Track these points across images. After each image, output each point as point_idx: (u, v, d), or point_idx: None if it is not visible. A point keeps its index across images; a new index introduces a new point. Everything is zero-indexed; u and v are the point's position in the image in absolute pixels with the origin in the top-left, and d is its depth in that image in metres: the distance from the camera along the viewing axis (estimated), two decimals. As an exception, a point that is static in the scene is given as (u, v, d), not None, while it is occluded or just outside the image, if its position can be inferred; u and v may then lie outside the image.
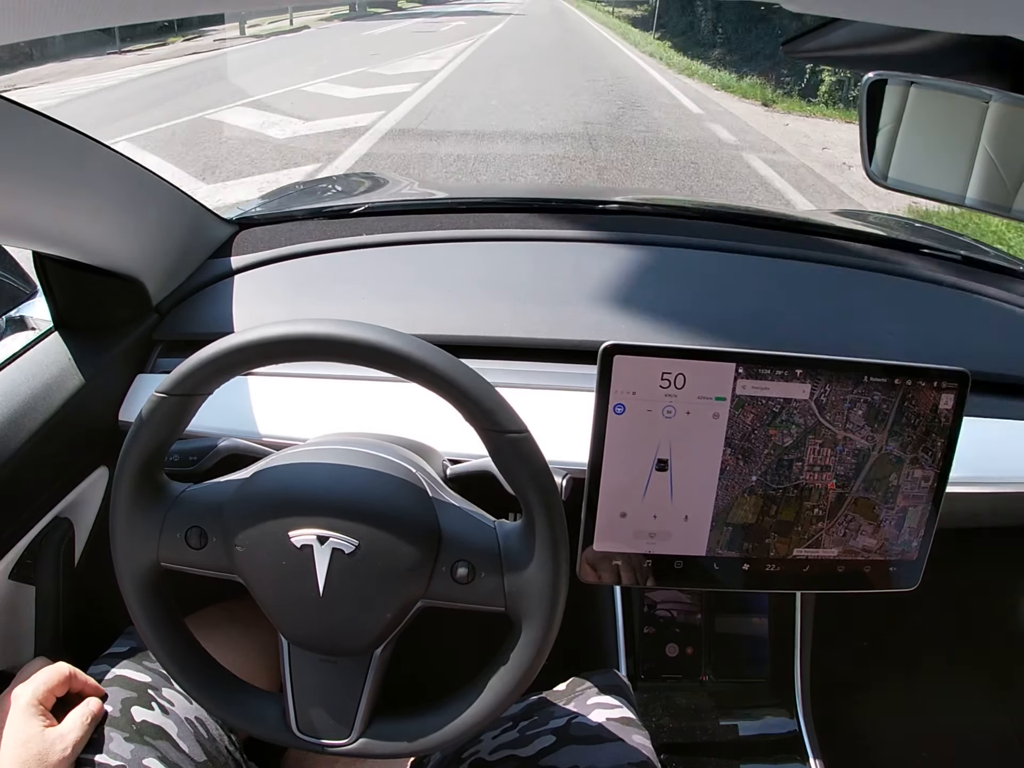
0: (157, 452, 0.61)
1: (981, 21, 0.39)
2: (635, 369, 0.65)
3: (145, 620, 0.62)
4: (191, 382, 0.58)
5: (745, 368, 0.66)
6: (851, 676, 1.28)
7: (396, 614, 0.60)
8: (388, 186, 1.58)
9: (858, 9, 0.41)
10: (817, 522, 0.71)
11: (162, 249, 0.92)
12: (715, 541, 0.70)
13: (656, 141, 6.31)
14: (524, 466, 0.57)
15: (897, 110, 0.60)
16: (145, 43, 12.35)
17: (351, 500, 0.60)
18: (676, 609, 1.08)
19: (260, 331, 0.56)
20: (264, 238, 1.06)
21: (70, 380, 0.82)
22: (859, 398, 0.68)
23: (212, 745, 0.72)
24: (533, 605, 0.59)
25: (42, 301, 0.89)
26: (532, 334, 0.91)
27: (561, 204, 1.16)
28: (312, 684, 0.62)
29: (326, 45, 12.97)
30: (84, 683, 0.69)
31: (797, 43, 0.67)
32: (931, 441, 0.70)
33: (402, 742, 0.62)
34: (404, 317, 0.92)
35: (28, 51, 10.38)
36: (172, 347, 0.94)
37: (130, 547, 0.61)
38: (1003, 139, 0.56)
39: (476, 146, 5.79)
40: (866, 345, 0.91)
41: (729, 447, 0.68)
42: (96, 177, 0.75)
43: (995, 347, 0.94)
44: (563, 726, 0.75)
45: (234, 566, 0.61)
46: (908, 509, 0.71)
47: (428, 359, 0.56)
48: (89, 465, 0.86)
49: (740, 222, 1.13)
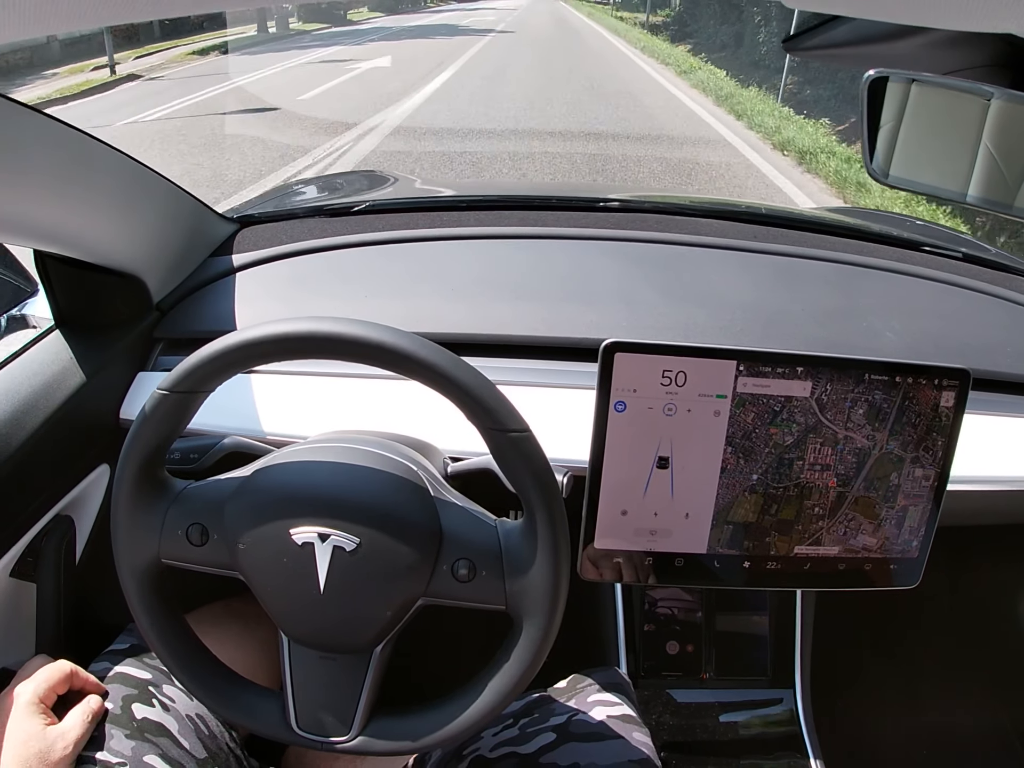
0: (158, 449, 0.61)
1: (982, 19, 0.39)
2: (636, 367, 0.65)
3: (146, 617, 0.62)
4: (192, 379, 0.58)
5: (746, 366, 0.66)
6: (852, 674, 1.28)
7: (397, 612, 0.60)
8: (389, 184, 1.58)
9: (859, 6, 0.41)
10: (818, 521, 0.71)
11: (163, 247, 0.92)
12: (715, 539, 0.70)
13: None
14: (525, 465, 0.57)
15: (898, 108, 0.60)
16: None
17: (352, 498, 0.60)
18: (677, 607, 1.08)
19: (261, 329, 0.56)
20: (265, 236, 1.06)
21: (71, 378, 0.82)
22: (860, 397, 0.68)
23: (213, 742, 0.72)
24: (534, 603, 0.59)
25: (43, 299, 0.89)
26: (533, 332, 0.91)
27: (562, 202, 1.16)
28: (312, 681, 0.63)
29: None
30: (85, 680, 0.70)
31: (797, 41, 0.66)
32: (932, 440, 0.70)
33: (403, 739, 0.62)
34: (405, 315, 0.92)
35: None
36: (173, 345, 0.94)
37: (131, 544, 0.61)
38: (1004, 137, 0.56)
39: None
40: (867, 343, 0.91)
41: (730, 446, 0.68)
42: (97, 175, 0.75)
43: (996, 345, 0.94)
44: (563, 723, 0.75)
45: (235, 563, 0.61)
46: (909, 508, 0.71)
47: (429, 357, 0.56)
48: (90, 463, 0.86)
49: (741, 220, 1.13)
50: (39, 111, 0.63)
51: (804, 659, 1.08)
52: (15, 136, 0.60)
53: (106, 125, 6.72)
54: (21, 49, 10.61)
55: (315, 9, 17.30)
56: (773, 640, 1.08)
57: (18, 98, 0.59)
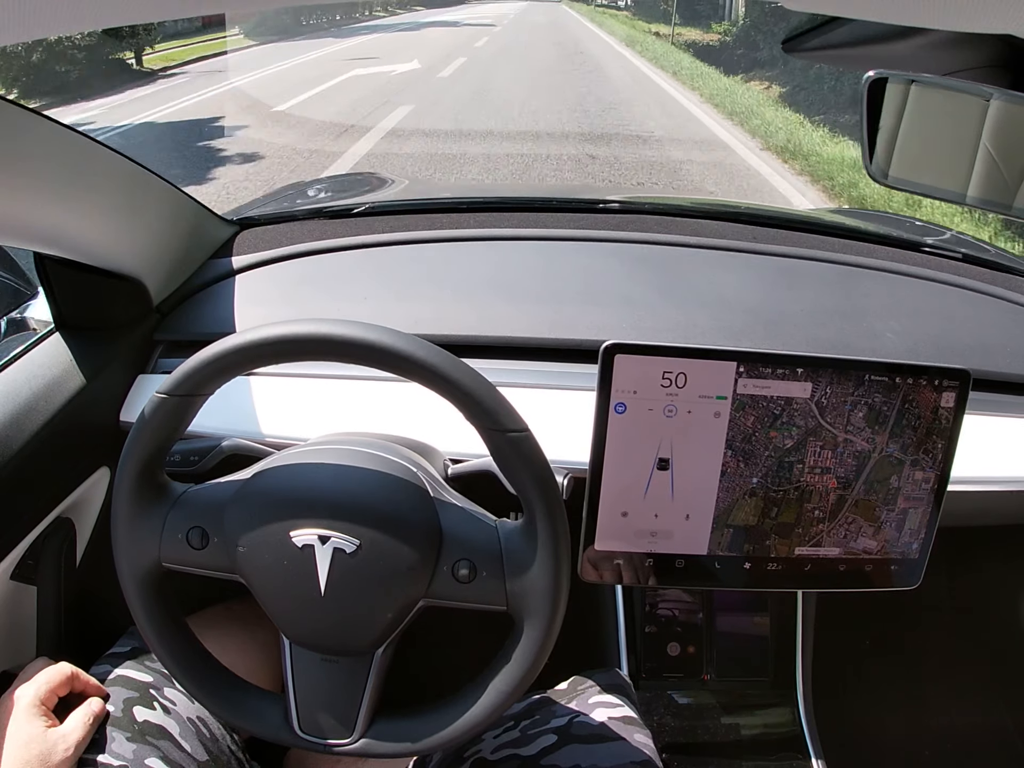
0: (158, 453, 0.61)
1: (982, 19, 0.39)
2: (636, 368, 0.65)
3: (147, 621, 0.62)
4: (192, 383, 0.58)
5: (746, 367, 0.66)
6: (853, 675, 1.28)
7: (398, 613, 0.60)
8: (389, 186, 1.58)
9: (858, 8, 0.41)
10: (818, 524, 0.71)
11: (163, 249, 0.92)
12: (716, 543, 0.70)
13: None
14: (525, 465, 0.57)
15: (897, 108, 0.60)
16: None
17: (352, 500, 0.60)
18: (678, 608, 1.08)
19: (260, 331, 0.56)
20: (265, 238, 1.06)
21: (71, 380, 0.82)
22: (860, 400, 0.68)
23: (214, 745, 0.72)
24: (535, 604, 0.59)
25: (43, 302, 0.89)
26: (533, 333, 0.91)
27: (562, 203, 1.16)
28: (314, 684, 0.62)
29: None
30: (86, 683, 0.70)
31: (797, 42, 0.67)
32: (932, 443, 0.70)
33: (404, 742, 0.62)
34: (405, 317, 0.92)
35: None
36: (173, 347, 0.94)
37: (131, 548, 0.61)
38: (1004, 137, 0.56)
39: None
40: (867, 343, 0.91)
41: (730, 449, 0.68)
42: (97, 178, 0.75)
43: (996, 345, 0.94)
44: (565, 725, 0.75)
45: (235, 566, 0.61)
46: (909, 511, 0.71)
47: (428, 358, 0.56)
48: (90, 465, 0.86)
49: (741, 221, 1.13)
50: (39, 113, 0.63)
51: (805, 660, 1.07)
52: (15, 138, 0.60)
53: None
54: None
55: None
56: (774, 641, 1.08)
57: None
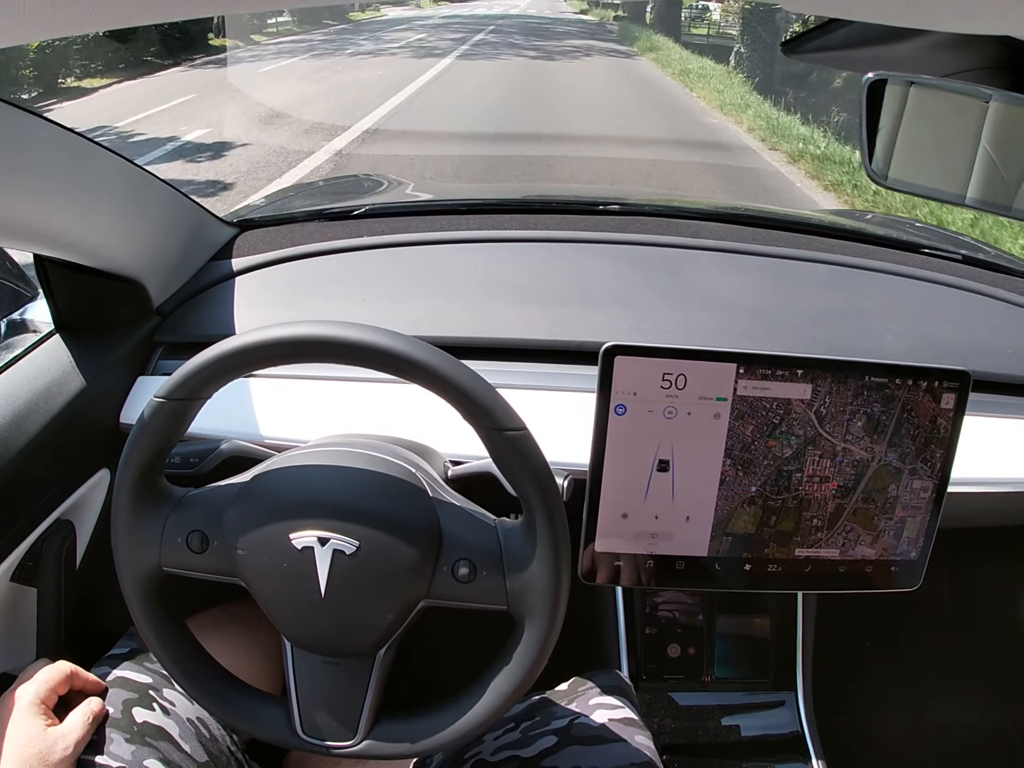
0: (157, 457, 0.61)
1: (981, 21, 0.39)
2: (636, 370, 0.65)
3: (147, 625, 0.62)
4: (190, 386, 0.58)
5: (746, 368, 0.66)
6: (853, 676, 1.28)
7: (398, 614, 0.60)
8: (388, 188, 1.58)
9: (857, 9, 0.41)
10: (816, 532, 0.71)
11: (163, 251, 0.92)
12: (715, 551, 0.70)
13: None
14: (523, 463, 0.57)
15: (897, 110, 0.60)
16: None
17: (351, 501, 0.60)
18: (678, 609, 1.08)
19: (258, 334, 0.56)
20: (265, 240, 1.06)
21: (71, 382, 0.82)
22: (859, 409, 0.68)
23: (214, 746, 0.72)
24: (535, 603, 0.59)
25: (43, 303, 0.89)
26: (533, 335, 0.91)
27: (561, 205, 1.17)
28: (316, 686, 0.62)
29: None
30: (85, 680, 0.70)
31: (796, 44, 0.67)
32: (930, 452, 0.70)
33: (406, 743, 0.61)
34: (405, 318, 0.92)
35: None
36: (173, 349, 0.94)
37: (131, 552, 0.61)
38: (1003, 139, 0.56)
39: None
40: (866, 345, 0.91)
41: (729, 458, 0.68)
42: (97, 180, 0.75)
43: (996, 346, 0.94)
44: (565, 727, 0.75)
45: (235, 569, 0.61)
46: (907, 520, 0.71)
47: (425, 359, 0.56)
48: (90, 467, 0.86)
49: (740, 222, 1.13)
50: (40, 115, 0.63)
51: (806, 661, 1.07)
52: (16, 140, 0.60)
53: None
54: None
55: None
56: (774, 642, 1.08)
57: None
